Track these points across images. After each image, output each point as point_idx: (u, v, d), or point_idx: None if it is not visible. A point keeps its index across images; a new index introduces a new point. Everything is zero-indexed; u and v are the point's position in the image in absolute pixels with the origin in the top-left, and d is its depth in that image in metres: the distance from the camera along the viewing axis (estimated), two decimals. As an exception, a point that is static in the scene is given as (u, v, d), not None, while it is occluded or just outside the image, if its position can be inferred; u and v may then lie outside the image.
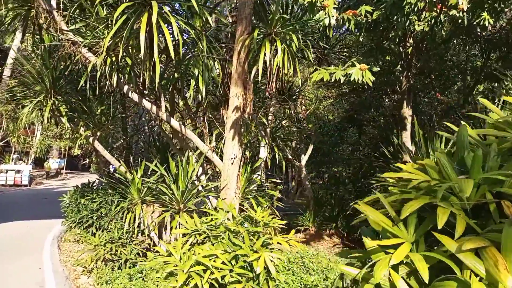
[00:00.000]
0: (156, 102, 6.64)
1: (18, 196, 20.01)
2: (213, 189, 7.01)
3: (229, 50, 6.99)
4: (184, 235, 5.28)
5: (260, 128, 8.05)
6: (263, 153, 8.42)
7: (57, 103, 7.38)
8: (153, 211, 6.58)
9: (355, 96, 11.66)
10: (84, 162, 47.10)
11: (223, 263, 4.29)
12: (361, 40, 9.76)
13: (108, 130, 8.31)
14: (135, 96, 6.52)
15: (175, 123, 6.68)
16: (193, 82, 6.20)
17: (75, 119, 8.06)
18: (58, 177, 31.79)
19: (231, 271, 4.23)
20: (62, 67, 7.49)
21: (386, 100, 11.23)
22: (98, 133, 8.06)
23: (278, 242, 4.81)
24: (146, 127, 11.19)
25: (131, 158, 10.90)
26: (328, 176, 13.00)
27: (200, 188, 7.02)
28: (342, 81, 5.52)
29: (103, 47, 5.50)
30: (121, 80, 6.47)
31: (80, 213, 9.56)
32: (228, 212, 5.61)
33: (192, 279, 4.05)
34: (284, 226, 5.48)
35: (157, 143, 9.71)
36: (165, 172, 6.88)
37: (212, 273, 4.12)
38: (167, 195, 6.57)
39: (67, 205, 10.09)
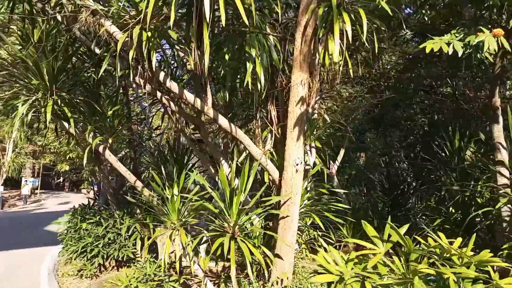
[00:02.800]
0: (200, 94, 5.12)
1: (-9, 221, 17.66)
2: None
3: (285, 28, 5.58)
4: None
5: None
6: (312, 157, 6.98)
7: (60, 103, 5.71)
8: (199, 238, 4.98)
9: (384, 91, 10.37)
10: (58, 180, 44.24)
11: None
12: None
13: (121, 136, 6.67)
14: (174, 86, 4.97)
15: (224, 121, 5.16)
16: (250, 66, 4.72)
17: (81, 123, 6.40)
18: (32, 198, 29.19)
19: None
20: (63, 55, 5.85)
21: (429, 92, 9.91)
22: (110, 140, 6.42)
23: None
24: (154, 135, 9.55)
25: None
26: (364, 185, 11.66)
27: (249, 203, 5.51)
28: (460, 54, 4.20)
29: (139, 16, 3.97)
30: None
31: (83, 241, 7.80)
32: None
33: None
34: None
35: (173, 153, 8.10)
36: (207, 185, 5.36)
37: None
38: (217, 216, 5.03)
39: (65, 231, 8.29)
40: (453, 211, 7.41)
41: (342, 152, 10.14)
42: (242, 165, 5.72)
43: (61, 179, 43.75)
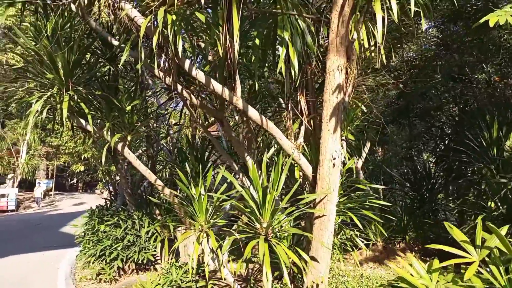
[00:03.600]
0: (228, 84, 4.71)
1: (7, 223, 17.49)
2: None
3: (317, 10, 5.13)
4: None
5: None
6: (344, 150, 6.51)
7: (76, 98, 5.35)
8: (230, 240, 4.57)
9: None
10: (72, 181, 44.34)
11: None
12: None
13: (140, 133, 6.30)
14: (201, 75, 4.56)
15: (254, 112, 4.74)
16: (283, 51, 4.29)
17: (98, 120, 6.04)
18: (46, 199, 29.16)
19: None
20: (79, 48, 5.48)
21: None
22: (129, 138, 6.05)
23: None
24: (171, 132, 9.17)
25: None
26: (381, 180, 11.12)
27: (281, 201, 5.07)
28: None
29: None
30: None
31: (101, 244, 7.48)
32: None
33: None
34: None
35: (193, 150, 7.71)
36: (236, 182, 4.95)
37: None
38: (249, 216, 4.63)
39: (83, 234, 7.98)
40: (493, 205, 6.90)
41: (368, 145, 9.65)
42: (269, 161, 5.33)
43: (75, 180, 43.85)
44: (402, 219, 9.43)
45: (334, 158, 4.74)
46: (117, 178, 14.96)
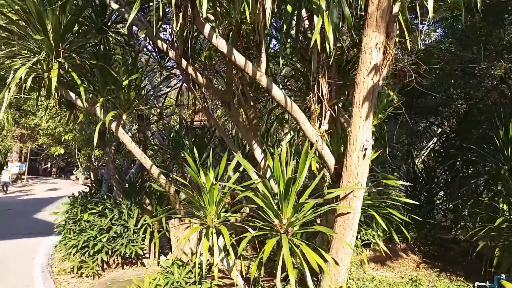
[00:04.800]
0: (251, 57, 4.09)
1: (-26, 207, 16.31)
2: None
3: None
4: None
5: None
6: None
7: (67, 67, 4.59)
8: (248, 238, 3.96)
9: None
10: (45, 166, 42.54)
11: None
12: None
13: (137, 111, 5.60)
14: (222, 43, 3.90)
15: (278, 92, 4.12)
16: (319, 21, 3.68)
17: (90, 95, 5.31)
18: (18, 183, 27.74)
19: None
20: (73, 8, 4.73)
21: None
22: (124, 116, 5.34)
23: None
24: (165, 115, 8.42)
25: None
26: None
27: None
28: None
29: None
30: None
31: (84, 234, 6.74)
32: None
33: None
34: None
35: (190, 135, 7.05)
36: (252, 170, 4.35)
37: None
38: (264, 210, 4.03)
39: (63, 222, 7.20)
40: (505, 207, 6.56)
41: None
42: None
43: (49, 165, 42.06)
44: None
45: (365, 149, 4.20)
46: (97, 163, 14.12)
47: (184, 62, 5.12)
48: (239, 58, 3.92)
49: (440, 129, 10.57)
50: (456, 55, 8.33)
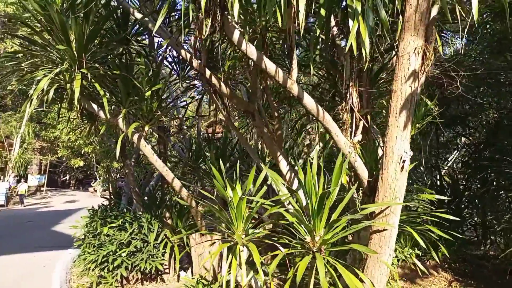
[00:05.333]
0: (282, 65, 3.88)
1: (-5, 219, 16.42)
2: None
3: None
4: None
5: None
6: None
7: (90, 78, 4.46)
8: (280, 257, 3.71)
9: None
10: (64, 178, 43.03)
11: None
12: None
13: (158, 124, 5.45)
14: (252, 49, 3.71)
15: (310, 101, 3.90)
16: (355, 25, 3.47)
17: (112, 106, 5.19)
18: (37, 195, 28.03)
19: None
20: (96, 18, 4.63)
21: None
22: (147, 128, 5.19)
23: None
24: (185, 126, 8.28)
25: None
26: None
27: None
28: None
29: None
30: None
31: (104, 249, 6.57)
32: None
33: None
34: None
35: (214, 148, 6.86)
36: (281, 182, 4.11)
37: None
38: (295, 226, 3.78)
39: (83, 236, 7.06)
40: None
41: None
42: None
43: (67, 177, 42.57)
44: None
45: (404, 161, 3.92)
46: (116, 175, 14.06)
47: (207, 72, 4.97)
48: (269, 65, 3.72)
49: (466, 140, 10.15)
50: (488, 62, 8.01)
